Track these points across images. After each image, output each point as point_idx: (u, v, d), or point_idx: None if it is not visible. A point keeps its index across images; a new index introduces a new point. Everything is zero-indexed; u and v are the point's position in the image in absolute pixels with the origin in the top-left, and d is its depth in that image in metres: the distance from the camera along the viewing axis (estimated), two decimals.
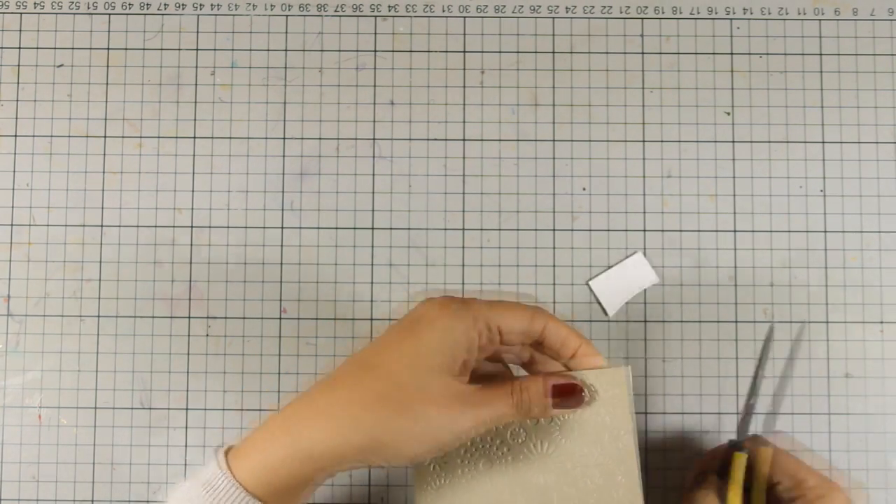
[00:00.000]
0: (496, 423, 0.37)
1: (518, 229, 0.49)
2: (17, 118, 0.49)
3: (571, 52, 0.50)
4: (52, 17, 0.50)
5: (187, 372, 0.48)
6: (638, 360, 0.48)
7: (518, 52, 0.50)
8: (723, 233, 0.49)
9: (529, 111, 0.49)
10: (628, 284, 0.48)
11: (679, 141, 0.49)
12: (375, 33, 0.50)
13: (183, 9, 0.50)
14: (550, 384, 0.37)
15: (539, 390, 0.37)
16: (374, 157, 0.49)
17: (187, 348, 0.48)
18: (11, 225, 0.49)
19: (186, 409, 0.48)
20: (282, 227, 0.49)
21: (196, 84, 0.50)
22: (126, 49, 0.50)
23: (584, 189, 0.49)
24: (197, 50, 0.50)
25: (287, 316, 0.48)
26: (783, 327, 0.48)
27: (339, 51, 0.50)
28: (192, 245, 0.49)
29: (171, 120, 0.49)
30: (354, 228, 0.49)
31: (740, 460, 0.40)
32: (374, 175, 0.49)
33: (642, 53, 0.50)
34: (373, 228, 0.49)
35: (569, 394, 0.38)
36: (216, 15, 0.50)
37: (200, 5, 0.50)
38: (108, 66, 0.50)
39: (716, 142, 0.49)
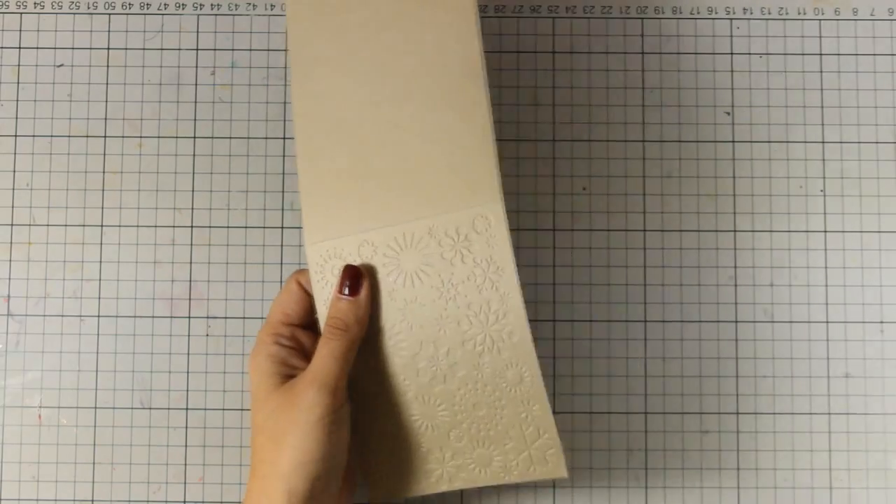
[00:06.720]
0: (347, 356, 0.39)
1: (518, 229, 0.49)
2: (17, 118, 0.49)
3: (571, 52, 0.50)
4: (52, 17, 0.50)
5: (187, 372, 0.48)
6: (637, 360, 0.48)
7: (518, 52, 0.50)
8: (723, 233, 0.49)
9: (529, 111, 0.49)
10: None
11: (679, 141, 0.49)
12: None
13: (183, 9, 0.50)
14: (336, 292, 0.40)
15: (338, 304, 0.40)
16: None
17: (187, 348, 0.48)
18: (11, 225, 0.49)
19: (186, 409, 0.48)
20: (282, 227, 0.49)
21: (196, 84, 0.50)
22: (126, 49, 0.50)
23: (584, 189, 0.49)
24: (197, 50, 0.50)
25: None
26: (783, 327, 0.48)
27: None
28: (192, 245, 0.49)
29: (171, 120, 0.49)
30: None
31: None
32: None
33: (642, 53, 0.50)
34: None
35: (352, 279, 0.40)
36: (216, 15, 0.50)
37: (200, 5, 0.50)
38: (108, 66, 0.50)
39: (716, 142, 0.49)
